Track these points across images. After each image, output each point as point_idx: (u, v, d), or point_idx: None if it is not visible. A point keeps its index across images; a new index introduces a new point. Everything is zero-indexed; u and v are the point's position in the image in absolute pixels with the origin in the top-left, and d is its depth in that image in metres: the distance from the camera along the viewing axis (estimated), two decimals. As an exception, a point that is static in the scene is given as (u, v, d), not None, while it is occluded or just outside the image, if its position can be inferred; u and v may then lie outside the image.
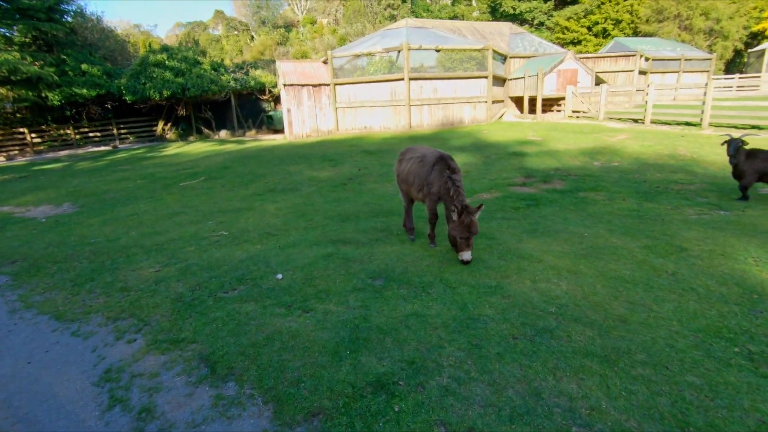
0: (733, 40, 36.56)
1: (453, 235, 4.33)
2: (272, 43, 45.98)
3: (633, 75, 24.01)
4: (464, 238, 4.29)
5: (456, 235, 4.29)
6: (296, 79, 19.12)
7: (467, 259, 4.34)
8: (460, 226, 4.25)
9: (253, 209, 7.90)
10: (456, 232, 4.29)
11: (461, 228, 4.26)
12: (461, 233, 4.27)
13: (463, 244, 4.31)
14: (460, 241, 4.30)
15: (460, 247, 4.33)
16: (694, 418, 2.33)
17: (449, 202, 4.45)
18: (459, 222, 4.25)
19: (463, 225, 4.24)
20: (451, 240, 4.44)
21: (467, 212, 4.24)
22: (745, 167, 6.11)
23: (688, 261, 4.39)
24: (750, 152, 6.11)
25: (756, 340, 3.00)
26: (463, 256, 4.34)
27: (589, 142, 12.65)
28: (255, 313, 3.76)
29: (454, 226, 4.31)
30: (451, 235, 4.36)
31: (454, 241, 4.36)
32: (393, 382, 2.74)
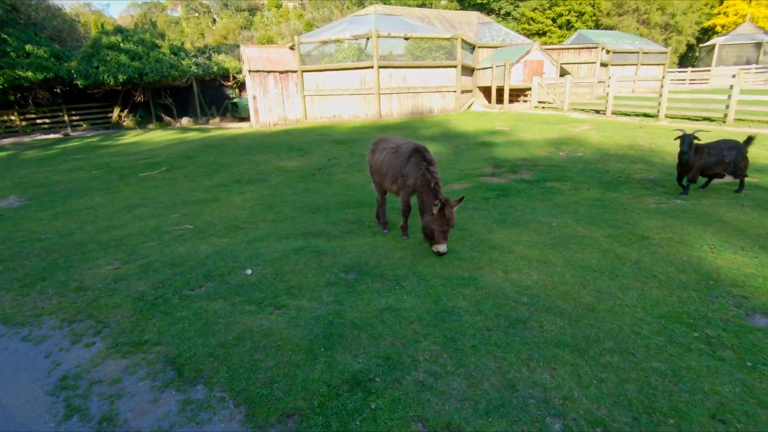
0: (686, 35, 38.33)
1: (432, 228, 4.30)
2: (236, 26, 44.27)
3: (595, 67, 24.75)
4: (443, 231, 4.29)
5: (435, 228, 4.27)
6: (262, 65, 18.51)
7: (443, 251, 4.35)
8: (440, 219, 4.24)
9: (218, 201, 7.62)
10: (435, 225, 4.27)
11: (441, 221, 4.24)
12: (441, 226, 4.26)
13: (441, 237, 4.31)
14: (438, 234, 4.29)
15: (437, 239, 4.32)
16: (659, 403, 2.42)
17: (428, 195, 4.42)
18: (439, 215, 4.23)
19: (443, 218, 4.23)
20: (427, 232, 4.41)
21: (449, 206, 4.24)
22: (693, 161, 6.27)
23: (649, 249, 4.57)
24: (697, 147, 6.25)
25: (713, 324, 3.16)
26: (439, 249, 4.34)
27: (554, 132, 12.96)
28: (223, 311, 3.61)
29: (433, 219, 4.28)
30: (430, 228, 4.33)
31: (432, 233, 4.34)
32: (369, 379, 2.70)
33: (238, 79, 24.38)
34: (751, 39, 34.88)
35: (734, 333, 3.04)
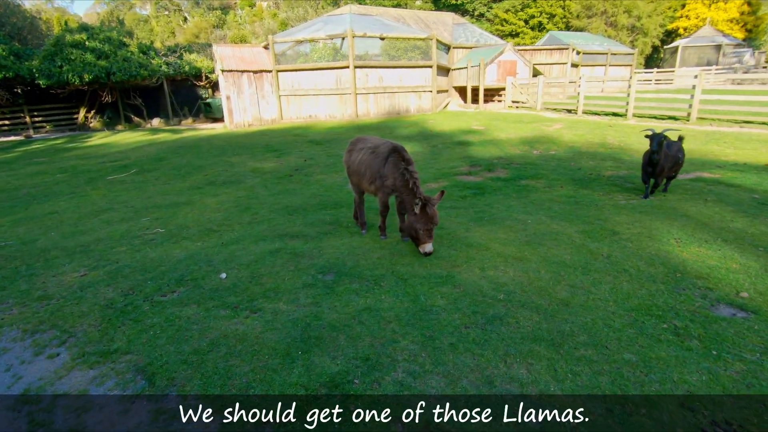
0: (651, 37, 39.79)
1: (416, 228, 4.28)
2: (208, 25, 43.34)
3: (566, 67, 25.39)
4: (428, 230, 4.29)
5: (420, 227, 4.26)
6: (235, 65, 18.17)
7: (430, 250, 4.33)
8: (423, 217, 4.23)
9: (191, 204, 7.42)
10: (419, 224, 4.25)
11: (425, 219, 4.24)
12: (425, 225, 4.26)
13: (426, 236, 4.30)
14: (423, 233, 4.28)
15: (422, 239, 4.31)
16: (631, 394, 2.48)
17: (408, 195, 4.41)
18: (422, 214, 4.23)
19: (426, 216, 4.23)
20: (411, 233, 4.38)
21: (430, 204, 4.24)
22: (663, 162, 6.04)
23: (620, 244, 4.71)
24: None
25: (681, 315, 3.27)
26: (426, 248, 4.32)
27: (528, 131, 13.21)
28: (197, 316, 3.51)
29: (416, 219, 4.26)
30: (414, 228, 4.30)
31: (416, 233, 4.32)
32: (348, 380, 2.67)
33: (211, 78, 23.88)
34: (711, 41, 36.51)
35: (700, 323, 3.16)
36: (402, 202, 4.73)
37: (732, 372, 2.64)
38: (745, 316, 3.24)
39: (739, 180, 7.05)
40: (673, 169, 6.34)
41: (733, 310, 3.34)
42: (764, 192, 6.37)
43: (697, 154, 9.09)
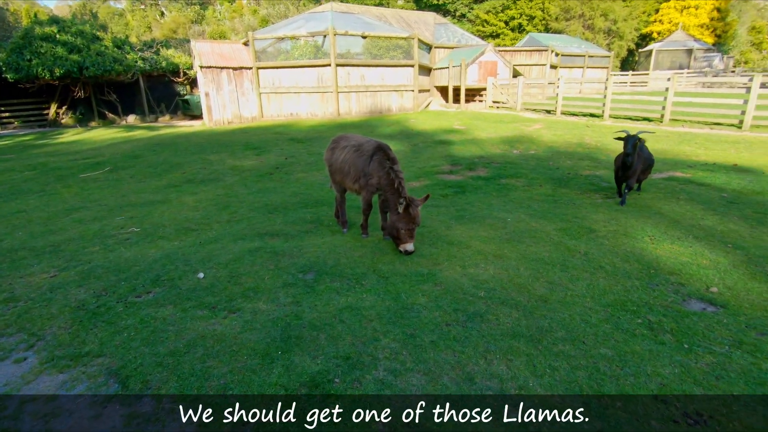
0: (627, 40, 40.86)
1: (398, 227, 4.29)
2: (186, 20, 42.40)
3: (545, 69, 25.82)
4: (409, 230, 4.29)
5: (402, 227, 4.27)
6: (214, 61, 17.83)
7: (411, 250, 4.36)
8: (406, 218, 4.24)
9: (168, 202, 7.24)
10: (402, 224, 4.27)
11: (407, 220, 4.25)
12: (407, 225, 4.26)
13: (407, 236, 4.31)
14: (404, 233, 4.29)
15: (403, 239, 4.32)
16: (607, 388, 2.54)
17: (392, 195, 4.40)
18: (405, 214, 4.23)
19: (409, 217, 4.24)
20: (393, 232, 4.38)
21: (414, 204, 4.25)
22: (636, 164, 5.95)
23: (597, 241, 4.81)
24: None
25: (654, 310, 3.36)
26: (407, 247, 4.35)
27: (508, 131, 13.38)
28: (173, 317, 3.43)
29: (398, 218, 4.27)
30: (396, 227, 4.31)
31: (397, 233, 4.32)
32: (328, 380, 2.64)
33: (189, 75, 23.36)
34: (683, 46, 37.72)
35: (673, 318, 3.25)
36: (385, 201, 4.72)
37: (702, 365, 2.72)
38: (714, 311, 3.35)
39: (709, 179, 7.29)
40: (646, 172, 6.40)
41: (703, 305, 3.45)
42: (732, 191, 6.61)
43: (670, 154, 9.37)
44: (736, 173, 7.57)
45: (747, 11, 44.77)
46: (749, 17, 44.35)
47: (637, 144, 5.80)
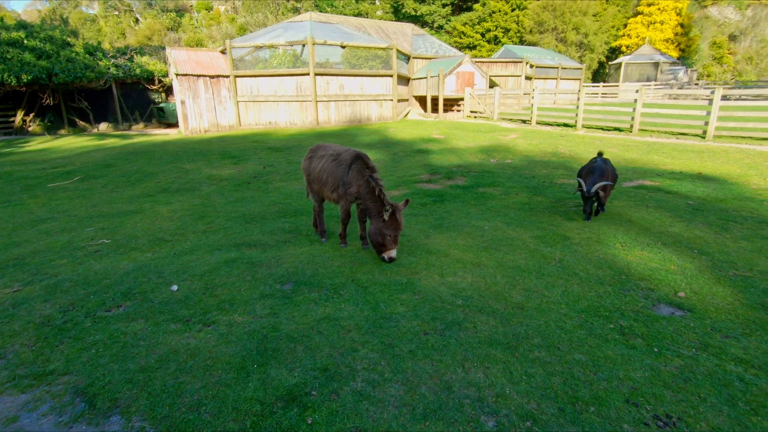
0: (597, 53, 42.35)
1: (385, 233, 4.30)
2: (161, 27, 41.76)
3: (521, 80, 26.49)
4: (395, 236, 4.33)
5: (388, 234, 4.29)
6: (191, 69, 17.59)
7: (395, 256, 4.40)
8: (392, 224, 4.27)
9: (142, 212, 7.06)
10: (389, 231, 4.29)
11: (394, 226, 4.28)
12: (394, 231, 4.29)
13: (392, 242, 4.33)
14: (389, 239, 4.30)
15: (388, 245, 4.34)
16: (581, 393, 2.58)
17: (374, 203, 4.41)
18: (391, 220, 4.25)
19: (396, 223, 4.27)
20: (378, 239, 4.37)
21: (399, 211, 4.30)
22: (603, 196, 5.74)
23: (571, 248, 4.92)
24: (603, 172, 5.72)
25: (626, 316, 3.45)
26: (391, 254, 4.38)
27: (486, 140, 13.62)
28: (145, 332, 3.32)
29: (385, 225, 4.28)
30: (383, 233, 4.31)
31: (383, 239, 4.33)
32: (305, 392, 2.60)
33: (164, 82, 22.95)
34: (650, 59, 39.37)
35: (643, 322, 3.35)
36: (364, 210, 4.73)
37: (671, 367, 2.80)
38: (682, 315, 3.47)
39: (676, 187, 7.59)
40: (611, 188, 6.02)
41: (672, 309, 3.57)
42: (697, 198, 6.88)
43: (639, 163, 9.71)
44: (700, 181, 7.89)
45: (708, 27, 47.16)
46: (710, 33, 46.72)
47: (594, 198, 5.59)
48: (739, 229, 5.41)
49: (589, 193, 5.52)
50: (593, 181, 5.57)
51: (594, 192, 5.51)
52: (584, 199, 5.66)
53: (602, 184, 5.52)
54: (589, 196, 5.55)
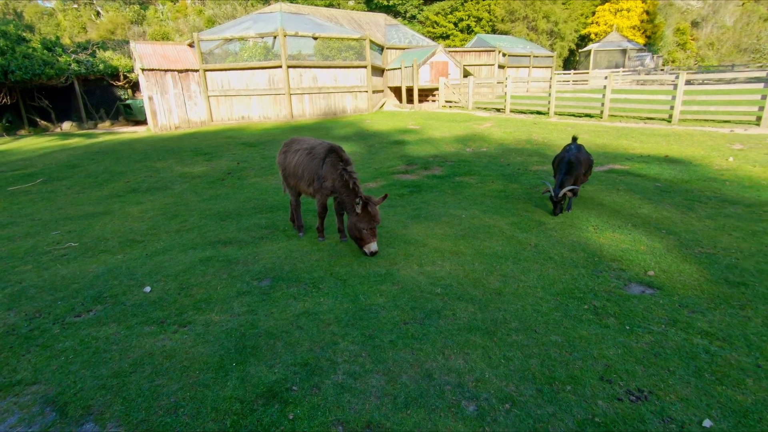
0: (568, 41, 43.04)
1: (360, 227, 4.26)
2: (125, 21, 40.14)
3: (494, 68, 26.70)
4: (371, 229, 4.28)
5: (363, 227, 4.24)
6: (157, 63, 17.00)
7: (375, 250, 4.34)
8: (366, 217, 4.22)
9: (111, 213, 6.82)
10: (363, 224, 4.24)
11: (368, 219, 4.23)
12: (369, 224, 4.24)
13: (369, 235, 4.29)
14: (366, 232, 4.26)
15: (366, 238, 4.30)
16: (558, 373, 2.65)
17: (348, 196, 4.36)
18: (364, 213, 4.21)
19: (369, 215, 4.22)
20: (355, 233, 4.33)
21: (372, 203, 4.24)
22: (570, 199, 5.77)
23: (546, 233, 5.02)
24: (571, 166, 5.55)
25: (599, 296, 3.55)
26: (371, 248, 4.33)
27: (461, 130, 13.71)
28: (118, 336, 3.22)
29: (359, 218, 4.24)
30: (358, 227, 4.27)
31: (360, 233, 4.29)
32: (286, 388, 2.58)
33: (130, 78, 22.14)
34: (618, 46, 40.25)
35: (615, 302, 3.45)
36: (341, 203, 4.69)
37: (642, 344, 2.90)
38: (652, 293, 3.59)
39: (645, 170, 7.82)
40: (588, 174, 6.07)
41: (642, 288, 3.69)
42: (665, 181, 7.12)
43: (609, 148, 9.96)
44: (667, 164, 8.16)
45: (672, 14, 48.51)
46: (674, 20, 48.07)
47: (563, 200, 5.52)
48: (703, 209, 5.63)
49: (557, 197, 5.42)
50: (561, 182, 5.45)
51: (562, 196, 5.42)
52: (553, 203, 5.55)
53: (570, 188, 5.43)
54: (557, 200, 5.45)
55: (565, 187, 5.40)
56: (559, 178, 5.49)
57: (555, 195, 5.41)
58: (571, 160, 5.52)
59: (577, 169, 5.52)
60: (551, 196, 5.49)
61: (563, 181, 5.44)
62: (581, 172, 5.63)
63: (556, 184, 5.50)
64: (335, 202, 4.89)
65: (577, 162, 5.54)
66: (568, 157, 5.58)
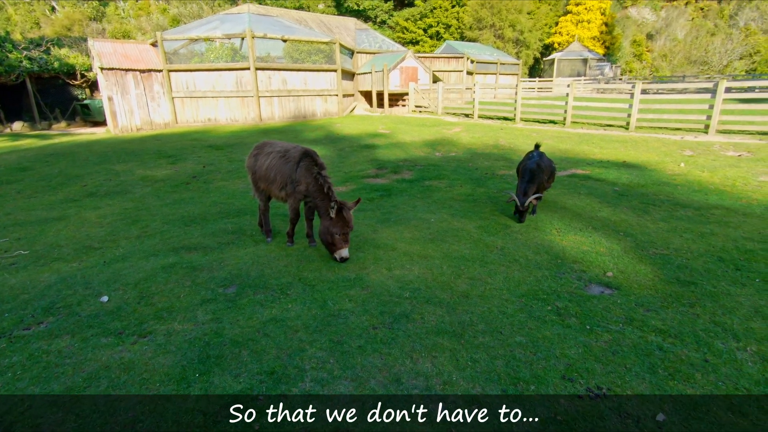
0: (533, 50, 44.49)
1: (332, 232, 4.20)
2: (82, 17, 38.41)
3: (462, 75, 27.22)
4: (344, 234, 4.24)
5: (336, 231, 4.19)
6: (118, 63, 16.34)
7: (346, 256, 4.29)
8: (339, 222, 4.18)
9: (66, 219, 6.48)
10: (336, 228, 4.19)
11: (342, 224, 4.19)
12: (342, 229, 4.20)
13: (342, 241, 4.25)
14: (338, 238, 4.22)
15: (338, 244, 4.24)
16: (522, 373, 2.71)
17: (322, 200, 4.31)
18: (338, 218, 4.17)
19: (343, 221, 4.18)
20: (327, 238, 4.27)
21: (346, 208, 4.21)
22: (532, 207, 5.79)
23: (511, 236, 5.15)
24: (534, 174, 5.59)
25: (562, 297, 3.67)
26: (342, 254, 4.28)
27: (431, 134, 13.89)
28: (71, 349, 3.05)
29: (332, 223, 4.19)
30: (330, 232, 4.21)
31: (332, 238, 4.23)
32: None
33: (88, 77, 21.17)
34: (579, 55, 41.96)
35: (577, 302, 3.57)
36: (312, 208, 4.65)
37: (602, 342, 3.02)
38: (610, 293, 3.75)
39: (604, 175, 8.17)
40: (551, 180, 6.12)
41: (601, 288, 3.84)
42: (623, 185, 7.46)
43: (571, 153, 10.34)
44: (625, 169, 8.56)
45: (629, 26, 51.08)
46: (631, 32, 50.63)
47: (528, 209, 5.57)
48: (657, 212, 5.93)
49: (523, 206, 5.46)
50: (525, 190, 5.48)
51: (528, 204, 5.47)
52: (519, 212, 5.58)
53: (535, 196, 5.50)
54: (524, 209, 5.49)
55: (529, 195, 5.48)
56: (523, 186, 5.52)
57: (521, 204, 5.46)
58: (533, 168, 5.58)
59: (540, 176, 5.59)
60: (516, 205, 5.54)
61: (527, 189, 5.49)
62: (544, 179, 5.70)
63: (520, 192, 5.53)
64: (306, 207, 4.84)
65: (539, 170, 5.59)
66: (530, 165, 5.64)
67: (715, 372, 2.69)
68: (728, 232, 5.06)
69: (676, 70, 48.80)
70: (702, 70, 46.06)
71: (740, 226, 5.28)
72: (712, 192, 6.82)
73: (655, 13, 54.44)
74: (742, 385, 2.57)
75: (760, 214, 5.73)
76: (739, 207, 6.05)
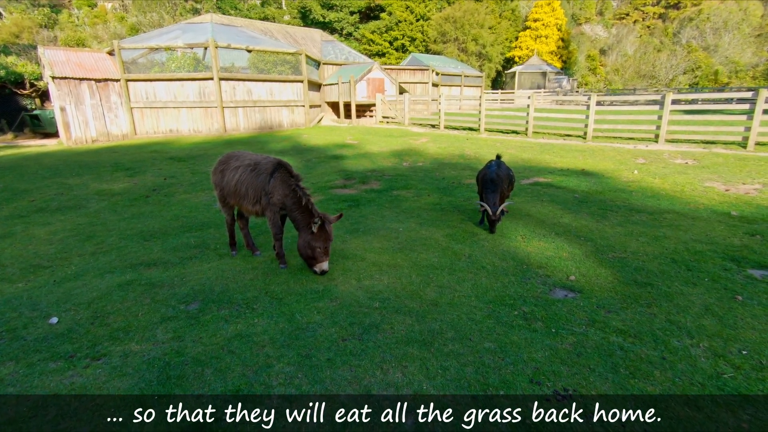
0: (495, 63, 46.03)
1: (314, 246, 4.11)
2: (32, 24, 36.57)
3: (428, 86, 27.76)
4: (325, 248, 4.17)
5: (318, 245, 4.11)
6: (71, 72, 15.62)
7: (327, 269, 4.22)
8: (323, 236, 4.11)
9: (11, 236, 6.06)
10: (318, 243, 4.11)
11: (324, 237, 4.12)
12: (324, 243, 4.13)
13: (322, 254, 4.17)
14: (320, 251, 4.14)
15: (319, 257, 4.16)
16: (492, 379, 2.73)
17: (302, 214, 4.22)
18: (320, 232, 4.09)
19: (325, 234, 4.12)
20: (308, 251, 4.17)
21: (328, 222, 4.16)
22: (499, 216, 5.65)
23: (479, 244, 5.23)
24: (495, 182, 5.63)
25: (528, 302, 3.75)
26: (323, 266, 4.20)
27: (398, 144, 14.02)
28: (15, 376, 2.83)
29: (314, 237, 4.10)
30: (312, 246, 4.12)
31: (313, 252, 4.14)
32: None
33: (38, 86, 20.12)
34: (539, 69, 43.77)
35: (542, 307, 3.66)
36: (296, 221, 4.52)
37: (567, 345, 3.09)
38: (573, 296, 3.86)
39: (565, 183, 8.48)
40: (510, 188, 6.12)
41: (565, 292, 3.95)
42: (582, 192, 7.76)
43: (533, 162, 10.70)
44: (584, 177, 8.92)
45: (584, 42, 53.84)
46: (586, 47, 53.37)
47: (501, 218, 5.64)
48: (615, 217, 6.20)
49: (495, 216, 5.47)
50: (493, 201, 5.51)
51: (500, 213, 5.51)
52: (490, 222, 5.59)
53: (505, 204, 5.58)
54: (496, 219, 5.50)
55: (498, 205, 5.53)
56: (491, 197, 5.54)
57: (493, 213, 5.48)
58: (492, 178, 5.62)
59: (500, 185, 5.63)
60: (489, 216, 5.55)
61: (494, 201, 5.52)
62: (504, 187, 5.75)
63: (490, 203, 5.52)
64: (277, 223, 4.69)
65: (498, 179, 5.61)
66: (490, 174, 5.68)
67: (672, 369, 2.81)
68: (679, 235, 5.35)
69: (628, 84, 51.73)
70: (651, 83, 49.04)
71: (689, 229, 5.60)
72: (664, 197, 7.21)
73: (607, 30, 57.73)
74: (697, 380, 2.69)
75: (707, 217, 6.10)
76: (688, 211, 6.42)
